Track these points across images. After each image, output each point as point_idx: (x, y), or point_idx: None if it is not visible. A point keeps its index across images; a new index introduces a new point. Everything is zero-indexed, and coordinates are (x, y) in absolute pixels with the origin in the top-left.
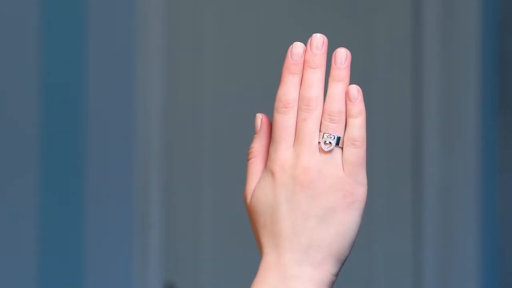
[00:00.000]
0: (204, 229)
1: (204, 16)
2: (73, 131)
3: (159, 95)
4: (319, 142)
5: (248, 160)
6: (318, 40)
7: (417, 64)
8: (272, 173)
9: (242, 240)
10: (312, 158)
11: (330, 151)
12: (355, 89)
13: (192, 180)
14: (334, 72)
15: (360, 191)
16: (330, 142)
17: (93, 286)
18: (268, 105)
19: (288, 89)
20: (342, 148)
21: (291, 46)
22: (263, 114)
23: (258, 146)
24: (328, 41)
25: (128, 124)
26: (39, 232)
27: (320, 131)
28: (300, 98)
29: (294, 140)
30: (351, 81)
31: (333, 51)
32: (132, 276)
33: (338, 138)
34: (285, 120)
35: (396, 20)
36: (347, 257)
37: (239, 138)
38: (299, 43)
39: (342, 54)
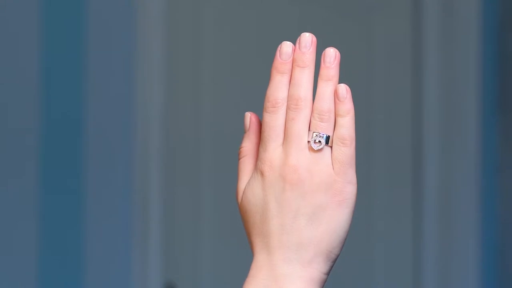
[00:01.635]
0: (204, 229)
1: (204, 16)
2: (73, 131)
3: (159, 95)
4: (308, 141)
5: (239, 159)
6: (307, 39)
7: (417, 64)
8: (262, 173)
9: (242, 240)
10: (301, 156)
11: (320, 150)
12: (343, 88)
13: (192, 180)
14: (323, 71)
15: (349, 189)
16: (320, 141)
17: (93, 286)
18: None
19: (277, 89)
20: (331, 147)
21: (280, 45)
22: (251, 113)
23: (248, 145)
24: (328, 41)
25: (128, 124)
26: (38, 232)
27: (309, 130)
28: (289, 97)
29: (283, 139)
30: (352, 81)
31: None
32: (132, 276)
33: (328, 137)
34: (274, 120)
35: (396, 20)
36: (337, 255)
37: (239, 138)
38: (287, 42)
39: (331, 54)
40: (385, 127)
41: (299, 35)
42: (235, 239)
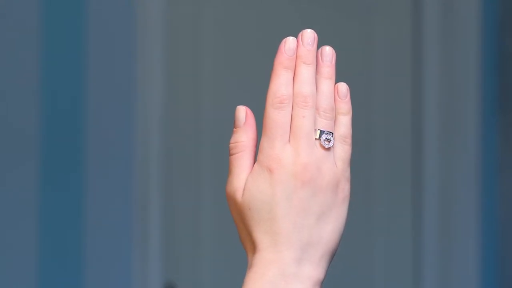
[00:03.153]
0: (204, 229)
1: (204, 16)
2: (73, 131)
3: (159, 95)
4: (316, 139)
5: (232, 154)
6: (310, 36)
7: (417, 64)
8: (270, 170)
9: None
10: (312, 154)
11: (329, 148)
12: (344, 87)
13: (192, 180)
14: (322, 69)
15: (348, 187)
16: (329, 139)
17: (93, 286)
18: None
19: (283, 84)
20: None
21: (284, 40)
22: (246, 107)
23: (245, 140)
24: (328, 40)
25: (128, 124)
26: (38, 232)
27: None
28: (296, 94)
29: (290, 136)
30: (352, 81)
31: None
32: (132, 276)
33: (332, 135)
34: (282, 116)
35: (396, 20)
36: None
37: None
38: (292, 37)
39: (329, 53)
40: (385, 127)
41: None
42: (235, 239)
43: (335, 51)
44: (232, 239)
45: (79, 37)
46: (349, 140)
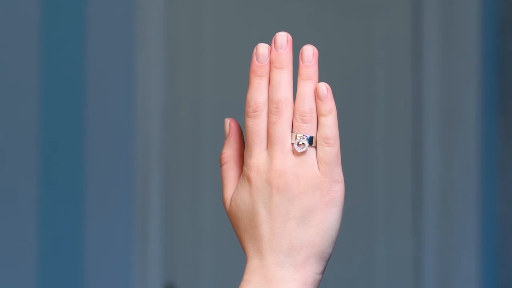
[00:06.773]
0: (204, 229)
1: (204, 16)
2: (73, 131)
3: (159, 95)
4: (292, 144)
5: (220, 166)
6: (282, 38)
7: (417, 64)
8: (248, 179)
9: None
10: (286, 160)
11: (304, 152)
12: (323, 87)
13: (192, 180)
14: (302, 71)
15: (336, 188)
16: (303, 143)
17: (93, 286)
18: None
19: (256, 92)
20: (315, 147)
21: (256, 47)
22: (231, 119)
23: (228, 151)
24: (328, 40)
25: (128, 124)
26: (38, 232)
27: (292, 132)
28: (269, 101)
29: (267, 143)
30: (352, 80)
31: (335, 52)
32: (132, 276)
33: (311, 138)
34: (256, 124)
35: (396, 20)
36: (330, 254)
37: None
38: (263, 44)
39: (309, 52)
40: (385, 127)
41: (299, 34)
42: (235, 239)
43: (318, 50)
44: (232, 239)
45: (79, 37)
46: (332, 141)
